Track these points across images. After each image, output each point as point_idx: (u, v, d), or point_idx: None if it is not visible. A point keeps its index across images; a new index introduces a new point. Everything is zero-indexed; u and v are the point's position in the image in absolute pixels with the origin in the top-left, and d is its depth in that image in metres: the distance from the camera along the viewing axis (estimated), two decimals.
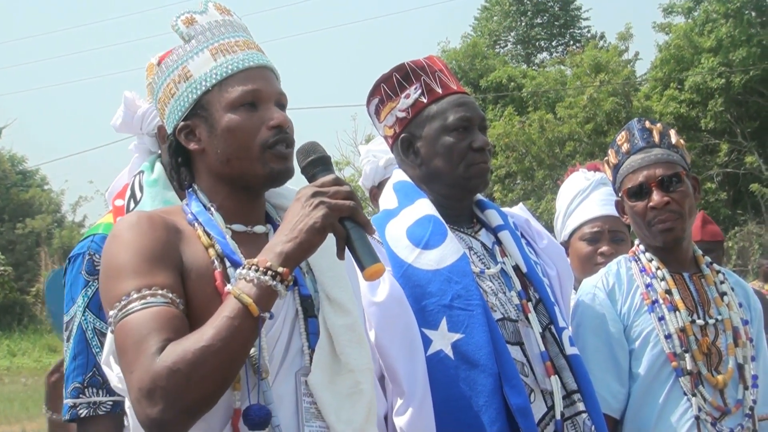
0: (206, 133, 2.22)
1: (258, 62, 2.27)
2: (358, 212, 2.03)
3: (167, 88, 2.28)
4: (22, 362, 22.11)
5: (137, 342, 1.93)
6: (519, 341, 2.82)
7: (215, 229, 2.17)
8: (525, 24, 38.16)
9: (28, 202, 33.48)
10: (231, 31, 2.31)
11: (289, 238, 1.99)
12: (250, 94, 2.21)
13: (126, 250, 2.06)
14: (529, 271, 2.94)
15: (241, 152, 2.19)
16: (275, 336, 2.12)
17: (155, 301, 1.98)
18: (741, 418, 3.05)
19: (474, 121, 2.95)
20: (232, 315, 1.92)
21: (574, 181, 4.16)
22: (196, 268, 2.10)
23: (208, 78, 2.23)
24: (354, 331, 2.22)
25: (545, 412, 2.75)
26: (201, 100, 2.23)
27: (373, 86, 3.09)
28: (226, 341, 1.90)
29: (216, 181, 2.25)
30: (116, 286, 2.03)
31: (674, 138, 3.23)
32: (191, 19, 2.30)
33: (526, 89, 28.49)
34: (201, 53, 2.25)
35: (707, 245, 6.04)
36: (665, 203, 3.11)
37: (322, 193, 2.03)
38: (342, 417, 2.12)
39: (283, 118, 2.22)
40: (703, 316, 3.14)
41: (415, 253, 2.82)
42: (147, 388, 1.89)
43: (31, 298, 29.04)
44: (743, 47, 25.05)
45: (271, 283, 1.95)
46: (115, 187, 3.23)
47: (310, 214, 2.00)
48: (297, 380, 2.12)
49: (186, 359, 1.88)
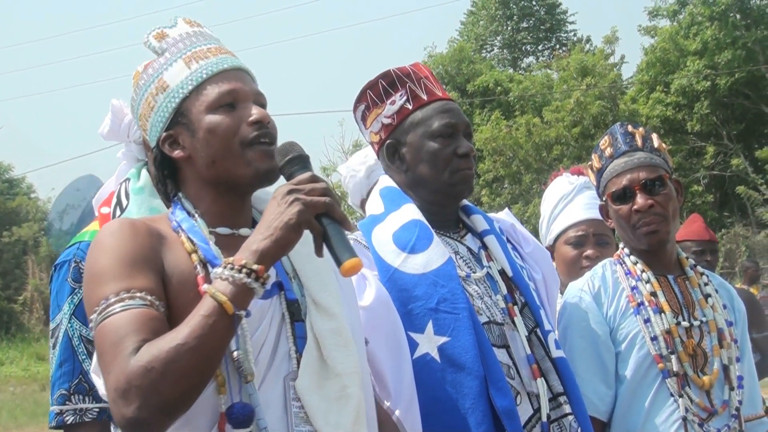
0: (189, 138, 2.23)
1: (232, 64, 2.30)
2: (335, 208, 2.04)
3: (146, 103, 2.30)
4: (10, 371, 22.01)
5: (114, 344, 1.94)
6: (505, 344, 2.83)
7: (198, 235, 2.18)
8: (511, 28, 38.30)
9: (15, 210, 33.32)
10: (202, 40, 2.34)
11: (265, 235, 2.00)
12: (227, 95, 2.22)
13: (107, 256, 2.07)
14: (514, 275, 2.95)
15: (224, 152, 2.20)
16: (261, 340, 2.13)
17: (134, 304, 1.99)
18: (728, 419, 3.06)
19: (459, 128, 2.97)
20: (207, 313, 1.92)
21: (558, 186, 4.18)
22: (178, 273, 2.11)
23: (184, 85, 2.25)
24: (340, 335, 2.22)
25: (531, 414, 2.76)
26: (180, 108, 2.24)
27: (359, 93, 3.11)
28: (201, 339, 1.90)
29: (203, 186, 2.26)
30: (97, 290, 2.04)
31: (656, 142, 3.25)
32: (162, 34, 2.33)
33: (513, 93, 28.58)
34: (175, 63, 2.28)
35: (712, 245, 6.14)
36: (649, 206, 3.13)
37: (297, 190, 2.03)
38: (330, 421, 2.12)
39: (262, 114, 2.23)
40: (688, 318, 3.15)
41: (401, 257, 2.83)
42: (122, 388, 1.89)
43: (19, 307, 28.92)
44: (728, 50, 25.21)
45: (246, 280, 1.95)
46: (102, 194, 3.22)
47: (285, 211, 2.00)
48: (285, 385, 2.13)
49: (160, 357, 1.88)
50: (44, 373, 18.61)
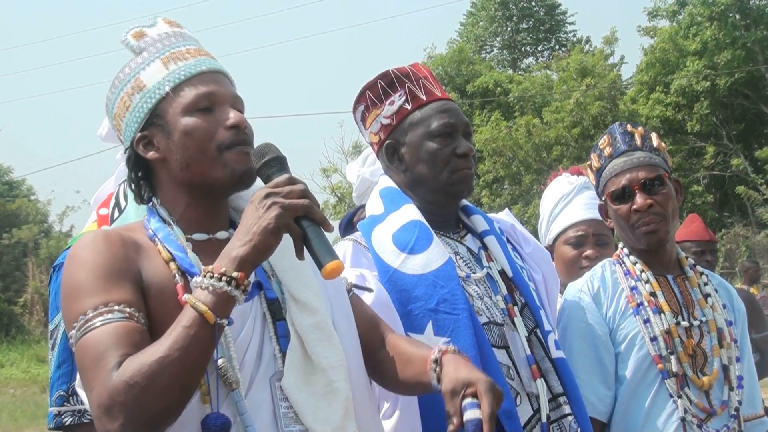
0: (164, 140, 2.21)
1: (210, 67, 2.27)
2: (314, 210, 2.02)
3: (121, 102, 2.27)
4: (11, 373, 21.99)
5: (95, 359, 1.92)
6: (505, 345, 2.82)
7: (174, 244, 2.16)
8: (510, 29, 38.31)
9: (15, 213, 33.30)
10: (181, 40, 2.32)
11: (244, 241, 1.98)
12: (204, 98, 2.20)
13: (83, 270, 2.05)
14: (514, 275, 2.94)
15: (199, 155, 2.18)
16: (245, 343, 2.11)
17: (112, 317, 1.97)
18: (727, 419, 3.06)
19: (458, 128, 2.96)
20: (188, 324, 1.90)
21: (557, 186, 4.18)
22: (156, 282, 2.09)
23: (161, 86, 2.22)
24: (322, 330, 2.19)
25: (531, 415, 2.76)
26: (156, 109, 2.22)
27: (358, 93, 3.11)
28: (183, 351, 1.88)
29: (177, 189, 2.23)
30: (74, 305, 2.02)
31: (656, 141, 3.25)
32: (141, 33, 2.31)
33: (513, 94, 28.58)
34: (153, 63, 2.25)
35: (712, 245, 6.15)
36: (648, 206, 3.12)
37: (275, 193, 2.01)
38: (319, 417, 2.10)
39: (239, 118, 2.20)
40: (688, 318, 3.14)
41: (401, 257, 2.82)
42: (105, 404, 1.88)
43: (19, 309, 28.90)
44: (728, 50, 25.21)
45: (227, 288, 1.93)
46: (100, 195, 3.23)
47: (263, 215, 1.98)
48: (272, 386, 2.11)
49: (143, 372, 1.86)
50: (44, 375, 18.58)
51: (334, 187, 28.81)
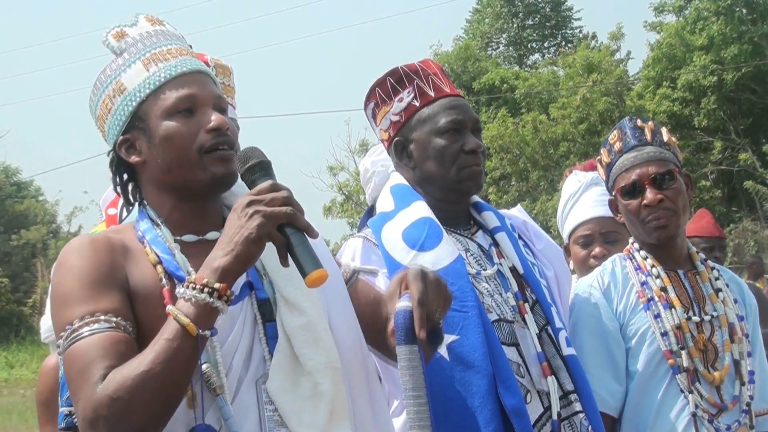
0: (146, 144, 2.19)
1: (191, 67, 2.24)
2: (297, 217, 1.98)
3: (103, 104, 2.26)
4: (21, 374, 22.08)
5: (81, 371, 1.92)
6: (515, 342, 2.82)
7: (161, 246, 2.14)
8: (516, 25, 38.25)
9: (23, 214, 33.45)
10: (163, 40, 2.29)
11: (226, 251, 1.95)
12: (185, 100, 2.18)
13: (70, 277, 2.05)
14: (525, 272, 2.94)
15: (180, 159, 2.16)
16: (233, 347, 2.09)
17: (99, 328, 1.96)
18: (738, 414, 3.05)
19: (466, 124, 2.96)
20: (170, 337, 1.90)
21: (568, 185, 4.17)
22: (143, 287, 2.08)
23: (142, 88, 2.20)
24: (310, 331, 2.15)
25: (542, 413, 2.76)
26: (137, 112, 2.20)
27: (368, 90, 3.11)
28: (165, 364, 1.87)
29: (161, 192, 2.22)
30: (62, 314, 2.02)
31: (666, 136, 3.24)
32: (121, 33, 2.28)
33: (519, 91, 28.54)
34: (133, 65, 2.23)
35: (720, 242, 6.11)
36: (659, 201, 3.11)
37: (257, 201, 1.98)
38: (303, 420, 2.07)
39: (220, 120, 2.18)
40: (699, 312, 3.13)
41: (410, 255, 2.81)
42: (90, 418, 1.88)
43: (28, 310, 29.01)
44: (735, 44, 25.11)
45: (209, 300, 1.92)
46: (109, 195, 3.23)
47: (245, 224, 1.95)
48: (258, 389, 2.09)
49: (126, 386, 1.86)
50: None
51: (341, 185, 28.81)
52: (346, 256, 2.87)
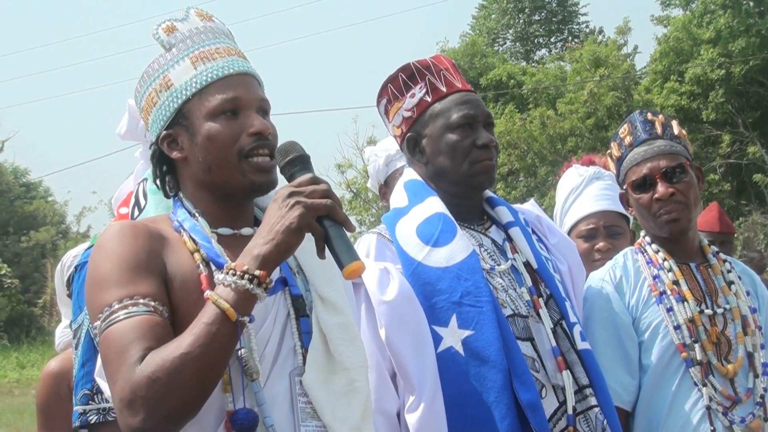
0: (188, 141, 2.22)
1: (238, 69, 2.27)
2: (336, 210, 2.02)
3: (149, 97, 2.29)
4: (32, 374, 22.09)
5: (119, 352, 1.94)
6: (530, 337, 2.82)
7: (200, 234, 2.18)
8: (523, 21, 38.15)
9: (33, 214, 33.51)
10: (212, 37, 2.31)
11: (266, 240, 1.99)
12: (229, 102, 2.20)
13: (109, 261, 2.07)
14: (539, 267, 2.94)
15: (220, 161, 2.19)
16: (265, 336, 2.12)
17: (137, 311, 1.99)
18: (752, 407, 3.05)
19: (478, 119, 2.96)
20: (210, 321, 1.92)
21: (568, 178, 4.17)
22: (180, 274, 2.11)
23: (188, 87, 2.22)
24: (347, 330, 2.22)
25: (557, 407, 2.76)
26: (182, 109, 2.23)
27: (381, 87, 3.12)
28: (204, 347, 1.90)
29: (199, 188, 2.25)
30: (100, 297, 2.04)
31: (676, 129, 3.24)
32: (172, 27, 2.30)
33: (526, 86, 28.48)
34: (181, 62, 2.25)
35: (723, 237, 6.04)
36: (670, 194, 3.11)
37: (298, 192, 2.01)
38: (338, 416, 2.12)
39: (262, 125, 2.20)
40: (712, 305, 3.14)
41: (425, 250, 2.83)
42: (128, 399, 1.90)
43: (39, 310, 29.08)
44: (742, 37, 25.02)
45: (249, 286, 1.94)
46: (120, 194, 3.24)
47: (286, 214, 1.99)
48: (291, 380, 2.12)
49: (165, 367, 1.88)
50: None
51: (349, 182, 28.77)
52: (361, 252, 2.88)
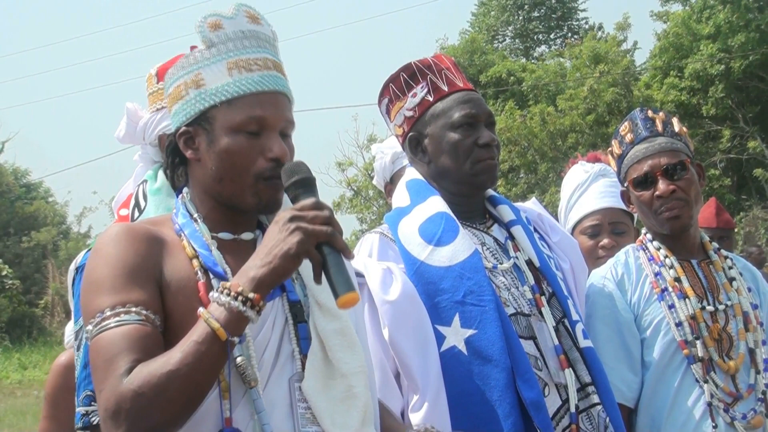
0: (205, 145, 2.21)
1: (272, 87, 2.23)
2: (336, 238, 1.98)
3: (178, 88, 2.26)
4: (34, 375, 22.09)
5: (107, 361, 1.94)
6: (532, 335, 2.83)
7: (199, 241, 2.17)
8: (522, 18, 38.16)
9: (33, 215, 33.47)
10: (255, 45, 2.26)
11: (264, 263, 1.96)
12: (255, 122, 2.18)
13: (104, 265, 2.07)
14: (542, 265, 2.95)
15: (234, 176, 2.18)
16: (264, 342, 2.12)
17: (128, 319, 1.98)
18: (753, 403, 3.06)
19: (480, 118, 2.96)
20: (199, 340, 1.91)
21: (573, 175, 4.17)
22: (177, 279, 2.10)
23: (218, 93, 2.19)
24: (345, 336, 2.20)
25: (560, 405, 2.76)
26: (207, 113, 2.20)
27: (382, 86, 3.12)
28: (192, 366, 1.90)
29: (205, 192, 2.24)
30: (93, 301, 2.04)
31: (677, 126, 3.24)
32: (218, 24, 2.25)
33: (526, 83, 28.46)
34: (218, 64, 2.21)
35: (721, 233, 6.03)
36: (671, 191, 3.12)
37: (300, 217, 1.98)
38: (337, 422, 2.11)
39: (281, 151, 2.18)
40: (713, 302, 3.14)
41: (427, 250, 2.83)
42: (112, 410, 1.90)
43: (40, 311, 29.07)
44: (742, 32, 24.99)
45: (242, 309, 1.93)
46: (120, 196, 3.23)
47: (285, 239, 1.96)
48: (291, 386, 2.12)
49: (151, 383, 1.88)
50: None
51: (350, 180, 28.79)
52: (363, 251, 2.89)
